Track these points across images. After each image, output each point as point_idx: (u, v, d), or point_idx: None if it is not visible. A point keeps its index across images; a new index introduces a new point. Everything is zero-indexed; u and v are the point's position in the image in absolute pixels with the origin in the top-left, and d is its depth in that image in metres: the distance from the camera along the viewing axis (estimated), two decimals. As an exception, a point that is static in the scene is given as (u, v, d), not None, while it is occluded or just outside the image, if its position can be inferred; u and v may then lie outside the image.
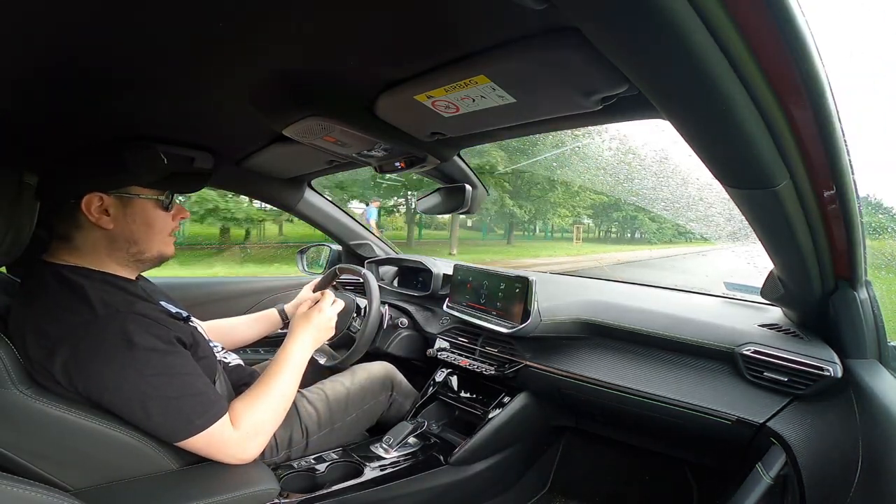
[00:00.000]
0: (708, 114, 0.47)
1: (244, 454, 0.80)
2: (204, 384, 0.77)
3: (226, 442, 0.77)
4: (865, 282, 0.81)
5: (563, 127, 0.83)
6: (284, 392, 0.88)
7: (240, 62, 0.64)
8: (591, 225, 19.25)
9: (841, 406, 0.79)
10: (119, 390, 0.69)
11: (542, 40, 0.52)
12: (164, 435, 0.74)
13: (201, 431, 0.74)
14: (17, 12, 0.48)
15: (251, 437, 0.80)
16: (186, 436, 0.73)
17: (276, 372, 0.89)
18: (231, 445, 0.78)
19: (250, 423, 0.80)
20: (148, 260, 0.85)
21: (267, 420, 0.84)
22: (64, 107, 0.77)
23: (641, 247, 17.86)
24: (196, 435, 0.74)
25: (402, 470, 1.08)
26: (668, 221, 17.17)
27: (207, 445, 0.76)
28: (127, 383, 0.69)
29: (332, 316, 1.07)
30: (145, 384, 0.70)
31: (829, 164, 0.54)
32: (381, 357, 1.43)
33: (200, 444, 0.75)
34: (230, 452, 0.79)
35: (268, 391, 0.86)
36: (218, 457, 0.78)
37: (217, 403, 0.77)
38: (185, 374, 0.75)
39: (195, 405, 0.74)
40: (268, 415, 0.84)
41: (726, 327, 1.01)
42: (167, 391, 0.72)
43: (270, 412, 0.84)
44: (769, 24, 0.38)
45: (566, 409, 1.33)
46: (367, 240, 1.84)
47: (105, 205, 0.78)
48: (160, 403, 0.71)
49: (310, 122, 0.77)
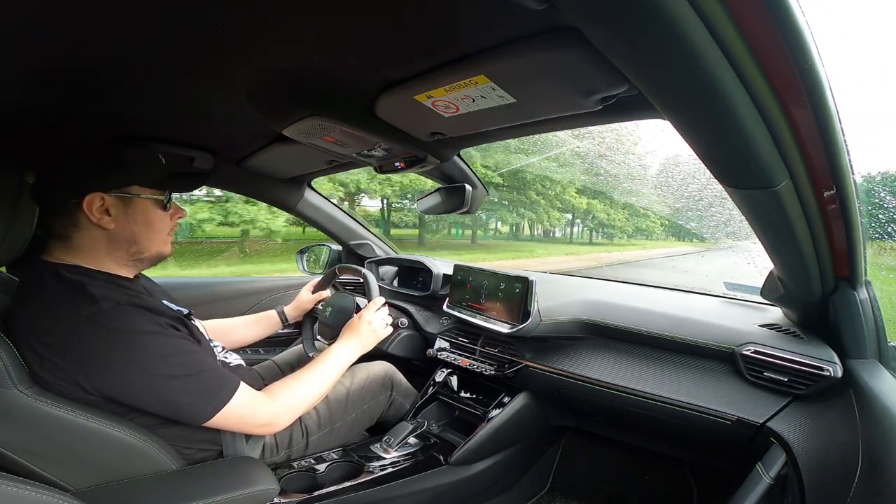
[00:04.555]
0: (708, 114, 0.47)
1: (275, 424, 0.86)
2: (213, 361, 0.80)
3: (260, 412, 0.82)
4: (865, 282, 0.81)
5: (563, 127, 0.83)
6: (322, 382, 0.94)
7: (240, 62, 0.64)
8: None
9: (841, 406, 0.79)
10: (139, 379, 0.70)
11: (542, 40, 0.52)
12: (192, 416, 0.75)
13: (226, 404, 0.76)
14: (17, 12, 0.48)
15: (284, 412, 0.86)
16: (213, 411, 0.75)
17: (319, 364, 0.96)
18: (263, 414, 0.82)
19: (286, 399, 0.86)
20: (146, 259, 0.86)
21: (301, 399, 0.89)
22: (64, 107, 0.77)
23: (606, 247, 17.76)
24: (224, 408, 0.76)
25: (402, 470, 1.08)
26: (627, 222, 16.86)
27: (239, 418, 0.79)
28: (143, 371, 0.70)
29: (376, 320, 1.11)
30: (163, 365, 0.71)
31: (829, 164, 0.54)
32: (381, 357, 1.43)
33: (232, 417, 0.78)
34: (262, 421, 0.83)
35: (308, 376, 0.93)
36: (249, 427, 0.83)
37: (231, 376, 0.80)
38: (194, 352, 0.77)
39: (213, 379, 0.76)
40: (302, 396, 0.90)
41: (726, 327, 1.01)
42: (186, 369, 0.74)
43: (305, 394, 0.90)
44: (769, 24, 0.38)
45: (566, 409, 1.33)
46: (367, 240, 1.84)
47: (106, 204, 0.78)
48: (182, 382, 0.72)
49: (310, 122, 0.77)
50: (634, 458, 1.44)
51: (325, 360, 0.97)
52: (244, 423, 0.81)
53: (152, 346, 0.71)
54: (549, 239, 19.65)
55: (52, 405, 0.68)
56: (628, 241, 18.91)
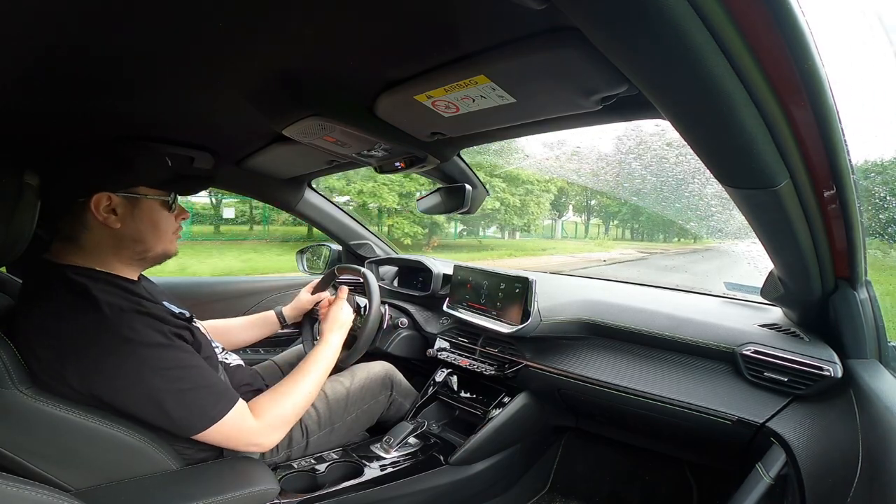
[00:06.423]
0: (708, 114, 0.47)
1: (263, 444, 0.83)
2: (213, 375, 0.79)
3: (246, 431, 0.79)
4: (865, 282, 0.81)
5: (563, 127, 0.83)
6: (309, 390, 0.92)
7: (240, 62, 0.64)
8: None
9: (841, 406, 0.79)
10: (133, 389, 0.70)
11: (542, 40, 0.52)
12: (183, 428, 0.74)
13: (217, 421, 0.75)
14: (17, 12, 0.48)
15: (272, 429, 0.83)
16: (203, 427, 0.74)
17: (303, 371, 0.93)
18: (251, 435, 0.80)
19: (272, 416, 0.84)
20: (151, 258, 0.86)
21: (288, 414, 0.87)
22: (64, 106, 0.77)
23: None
24: (213, 425, 0.75)
25: (402, 470, 1.08)
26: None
27: (226, 437, 0.78)
28: (141, 381, 0.70)
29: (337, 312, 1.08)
30: (159, 379, 0.71)
31: (829, 164, 0.54)
32: (381, 357, 1.43)
33: (219, 435, 0.76)
34: (250, 441, 0.81)
35: (293, 388, 0.89)
36: (237, 446, 0.81)
37: (228, 392, 0.79)
38: (194, 367, 0.76)
39: (208, 396, 0.75)
40: (290, 409, 0.87)
41: (726, 327, 1.01)
42: (181, 384, 0.73)
43: (292, 407, 0.88)
44: (769, 24, 0.38)
45: (566, 409, 1.33)
46: (367, 240, 1.84)
47: (113, 204, 0.78)
48: (175, 397, 0.72)
49: (310, 122, 0.77)
50: (634, 458, 1.43)
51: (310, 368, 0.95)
52: (231, 442, 0.79)
53: (153, 357, 0.71)
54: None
55: (52, 405, 0.68)
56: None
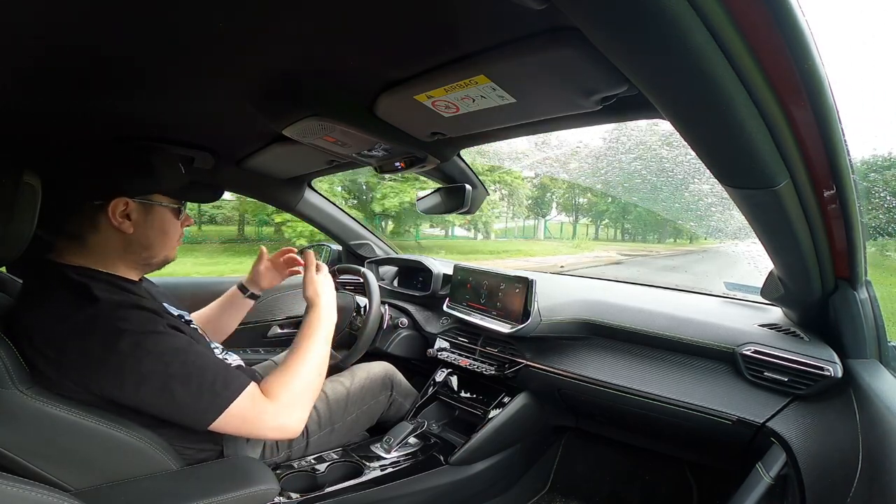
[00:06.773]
0: (708, 114, 0.47)
1: (286, 426, 0.78)
2: (218, 360, 0.77)
3: (262, 414, 0.75)
4: (865, 282, 0.81)
5: (563, 127, 0.83)
6: (315, 360, 0.86)
7: (240, 62, 0.64)
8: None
9: (841, 406, 0.79)
10: (140, 380, 0.68)
11: (542, 40, 0.52)
12: (196, 417, 0.71)
13: (231, 402, 0.72)
14: (17, 11, 0.48)
15: (290, 407, 0.78)
16: (217, 411, 0.71)
17: (301, 342, 0.87)
18: (270, 416, 0.75)
19: (286, 395, 0.78)
20: (155, 264, 0.87)
21: (302, 390, 0.81)
22: (64, 106, 0.77)
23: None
24: (228, 408, 0.71)
25: (402, 470, 1.08)
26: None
27: (244, 421, 0.73)
28: (146, 370, 0.68)
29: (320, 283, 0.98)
30: (164, 364, 0.69)
31: (829, 164, 0.55)
32: (381, 357, 1.43)
33: (237, 420, 0.72)
34: (271, 425, 0.76)
35: (297, 362, 0.84)
36: (261, 431, 0.76)
37: (237, 374, 0.75)
38: (196, 352, 0.74)
39: (217, 377, 0.72)
40: (302, 385, 0.81)
41: (726, 327, 1.01)
42: (187, 367, 0.70)
43: (304, 382, 0.82)
44: (769, 24, 0.38)
45: (566, 409, 1.33)
46: (367, 240, 1.84)
47: (129, 210, 0.78)
48: (183, 382, 0.69)
49: (310, 122, 0.77)
50: (634, 458, 1.43)
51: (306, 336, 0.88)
52: (250, 427, 0.75)
53: (151, 343, 0.70)
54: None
55: (52, 405, 0.68)
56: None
